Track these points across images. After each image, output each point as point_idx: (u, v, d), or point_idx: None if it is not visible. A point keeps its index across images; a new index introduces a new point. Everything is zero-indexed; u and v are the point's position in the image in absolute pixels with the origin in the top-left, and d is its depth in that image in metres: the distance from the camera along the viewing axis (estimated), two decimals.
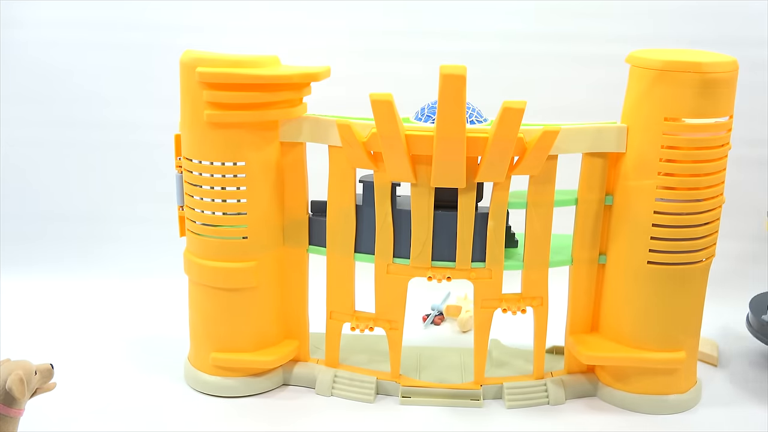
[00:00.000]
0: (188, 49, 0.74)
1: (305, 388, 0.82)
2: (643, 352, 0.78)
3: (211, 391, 0.81)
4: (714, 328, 0.91)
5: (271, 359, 0.80)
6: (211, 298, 0.79)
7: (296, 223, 0.80)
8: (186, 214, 0.79)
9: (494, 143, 0.70)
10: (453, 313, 1.01)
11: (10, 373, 0.62)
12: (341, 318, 0.81)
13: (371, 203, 0.76)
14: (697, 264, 0.76)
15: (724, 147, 0.74)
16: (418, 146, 0.72)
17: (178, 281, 0.84)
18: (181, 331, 0.86)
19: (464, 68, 0.66)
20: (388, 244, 0.77)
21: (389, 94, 0.68)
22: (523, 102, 0.68)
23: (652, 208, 0.74)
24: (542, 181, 0.75)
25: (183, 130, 0.76)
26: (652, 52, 0.74)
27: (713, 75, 0.70)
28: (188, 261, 0.79)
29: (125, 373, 0.84)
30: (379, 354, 0.85)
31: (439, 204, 0.75)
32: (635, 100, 0.74)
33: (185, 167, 0.77)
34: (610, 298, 0.79)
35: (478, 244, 0.77)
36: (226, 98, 0.72)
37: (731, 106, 0.73)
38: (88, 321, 0.97)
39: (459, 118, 0.68)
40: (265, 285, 0.79)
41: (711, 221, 0.75)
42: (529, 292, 0.79)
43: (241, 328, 0.80)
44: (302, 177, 0.79)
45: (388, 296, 0.79)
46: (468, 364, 0.85)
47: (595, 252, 0.79)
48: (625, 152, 0.75)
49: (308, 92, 0.77)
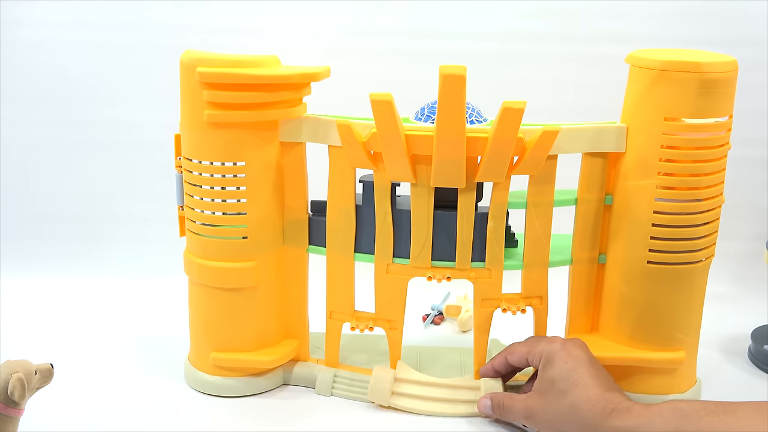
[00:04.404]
0: (188, 49, 0.74)
1: (305, 388, 0.82)
2: (643, 351, 0.78)
3: (211, 391, 0.81)
4: (714, 328, 0.91)
5: (271, 359, 0.80)
6: (211, 298, 0.79)
7: (296, 223, 0.80)
8: (186, 214, 0.79)
9: (494, 143, 0.70)
10: (453, 313, 1.01)
11: (10, 374, 0.62)
12: (341, 318, 0.81)
13: (371, 203, 0.76)
14: (696, 264, 0.76)
15: (723, 147, 0.74)
16: (418, 146, 0.72)
17: (178, 281, 0.84)
18: (181, 331, 0.86)
19: (464, 68, 0.66)
20: (388, 244, 0.77)
21: (389, 94, 0.68)
22: (523, 102, 0.68)
23: (651, 208, 0.74)
24: (542, 181, 0.75)
25: (183, 130, 0.76)
26: (652, 52, 0.74)
27: (713, 75, 0.70)
28: (188, 261, 0.79)
29: (125, 373, 0.84)
30: (379, 354, 0.85)
31: (439, 204, 0.75)
32: (635, 100, 0.74)
33: (185, 167, 0.77)
34: (610, 298, 0.79)
35: (478, 244, 0.77)
36: (226, 98, 0.72)
37: (731, 106, 0.73)
38: (88, 320, 0.97)
39: (459, 118, 0.68)
40: (265, 285, 0.79)
41: (711, 221, 0.75)
42: (528, 292, 0.79)
43: (241, 328, 0.80)
44: (302, 177, 0.79)
45: (388, 296, 0.79)
46: (468, 363, 0.85)
47: (594, 252, 0.79)
48: (624, 152, 0.75)
49: (308, 92, 0.77)
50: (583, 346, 0.72)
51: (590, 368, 0.69)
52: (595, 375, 0.68)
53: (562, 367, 0.69)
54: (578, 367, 0.69)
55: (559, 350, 0.71)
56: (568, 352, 0.70)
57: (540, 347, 0.72)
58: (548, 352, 0.71)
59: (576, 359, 0.70)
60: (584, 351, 0.71)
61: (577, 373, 0.68)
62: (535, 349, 0.73)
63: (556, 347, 0.71)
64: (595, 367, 0.70)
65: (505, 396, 0.74)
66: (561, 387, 0.68)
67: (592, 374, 0.68)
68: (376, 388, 0.78)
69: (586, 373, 0.68)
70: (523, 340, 0.77)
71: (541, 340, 0.74)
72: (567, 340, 0.73)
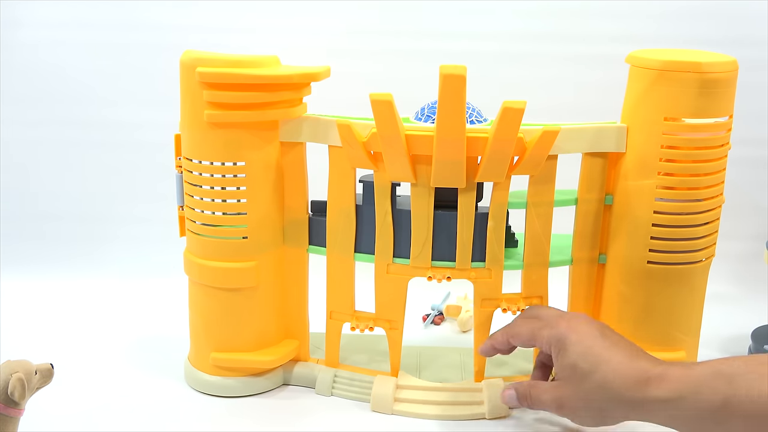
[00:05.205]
0: (188, 49, 0.74)
1: (305, 388, 0.82)
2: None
3: (211, 391, 0.81)
4: (714, 328, 0.90)
5: (271, 359, 0.80)
6: (211, 298, 0.79)
7: (296, 223, 0.80)
8: (186, 214, 0.79)
9: (494, 143, 0.70)
10: (453, 313, 1.01)
11: (10, 374, 0.62)
12: (341, 318, 0.81)
13: (371, 203, 0.76)
14: (697, 264, 0.76)
15: (724, 147, 0.74)
16: (418, 146, 0.72)
17: (178, 281, 0.84)
18: (181, 331, 0.86)
19: (464, 68, 0.66)
20: (388, 244, 0.77)
21: (389, 94, 0.68)
22: (523, 102, 0.68)
23: (652, 208, 0.74)
24: (542, 181, 0.75)
25: (183, 130, 0.76)
26: (652, 52, 0.74)
27: (713, 75, 0.70)
28: (188, 261, 0.79)
29: (125, 373, 0.84)
30: (379, 354, 0.85)
31: (439, 204, 0.75)
32: (635, 100, 0.74)
33: (185, 167, 0.77)
34: (610, 298, 0.79)
35: (478, 244, 0.77)
36: (226, 98, 0.72)
37: (731, 106, 0.73)
38: (88, 321, 0.97)
39: (459, 118, 0.68)
40: (265, 285, 0.79)
41: (711, 221, 0.75)
42: (529, 292, 0.79)
43: (241, 328, 0.80)
44: (302, 177, 0.79)
45: (388, 296, 0.79)
46: (468, 363, 0.85)
47: (595, 252, 0.79)
48: (624, 152, 0.75)
49: (308, 92, 0.77)
50: (588, 319, 0.69)
51: (605, 340, 0.66)
52: (613, 345, 0.66)
53: (578, 350, 0.66)
54: (593, 345, 0.66)
55: (566, 333, 0.67)
56: (576, 332, 0.67)
57: (545, 333, 0.69)
58: (556, 339, 0.68)
59: (587, 336, 0.67)
60: (591, 324, 0.68)
61: (595, 351, 0.65)
62: (540, 334, 0.69)
63: (562, 331, 0.68)
64: (609, 337, 0.67)
65: (531, 386, 0.71)
66: (584, 368, 0.65)
67: (610, 346, 0.65)
68: (378, 400, 0.77)
69: (603, 347, 0.65)
70: (523, 320, 0.73)
71: (544, 324, 0.70)
72: (569, 318, 0.70)
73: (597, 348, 0.66)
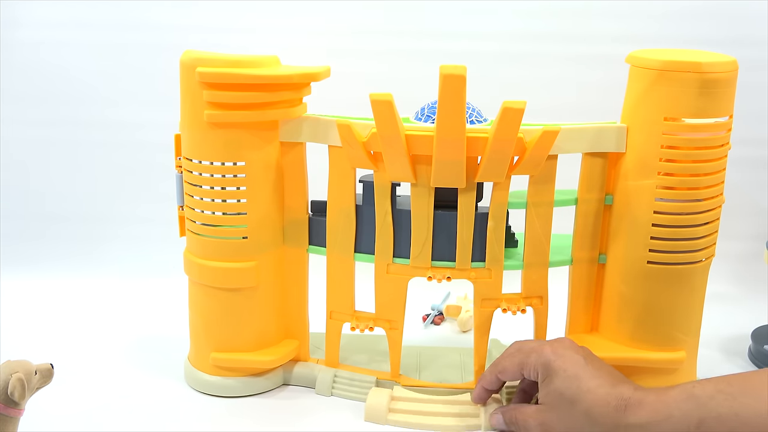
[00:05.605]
0: (188, 49, 0.74)
1: (305, 388, 0.82)
2: (643, 352, 0.78)
3: (211, 391, 0.81)
4: (714, 328, 0.91)
5: (271, 359, 0.80)
6: (211, 298, 0.79)
7: (296, 223, 0.80)
8: (186, 214, 0.79)
9: (494, 143, 0.70)
10: (453, 313, 1.01)
11: (10, 374, 0.62)
12: (341, 318, 0.81)
13: (371, 203, 0.76)
14: (696, 264, 0.76)
15: (724, 147, 0.74)
16: (418, 146, 0.72)
17: (178, 281, 0.84)
18: (181, 331, 0.86)
19: (464, 68, 0.66)
20: (388, 244, 0.77)
21: (389, 94, 0.68)
22: (523, 102, 0.68)
23: (651, 208, 0.74)
24: (542, 181, 0.75)
25: (183, 130, 0.76)
26: (652, 52, 0.74)
27: (713, 75, 0.70)
28: (188, 261, 0.79)
29: (125, 373, 0.84)
30: (379, 354, 0.85)
31: (439, 204, 0.75)
32: (635, 100, 0.74)
33: (185, 167, 0.77)
34: (610, 297, 0.79)
35: (478, 244, 0.77)
36: (226, 98, 0.72)
37: (731, 106, 0.73)
38: (87, 320, 0.97)
39: (459, 118, 0.68)
40: (265, 285, 0.79)
41: (711, 221, 0.75)
42: (529, 292, 0.79)
43: (241, 328, 0.80)
44: (302, 177, 0.79)
45: (388, 296, 0.79)
46: (468, 363, 0.85)
47: (594, 252, 0.79)
48: (624, 152, 0.75)
49: (308, 92, 0.77)
50: (573, 345, 0.71)
51: (589, 367, 0.68)
52: (596, 373, 0.68)
53: (563, 376, 0.68)
54: (578, 372, 0.68)
55: (552, 359, 0.69)
56: (563, 358, 0.69)
57: (532, 360, 0.70)
58: (543, 365, 0.69)
59: (572, 363, 0.68)
60: (576, 350, 0.70)
61: (579, 379, 0.67)
62: (527, 361, 0.70)
63: (548, 357, 0.69)
64: (593, 363, 0.69)
65: (515, 411, 0.72)
66: (568, 397, 0.67)
67: (593, 373, 0.67)
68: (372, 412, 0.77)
69: (588, 375, 0.67)
70: (508, 355, 0.73)
71: (530, 352, 0.71)
72: (554, 344, 0.71)
73: (581, 376, 0.67)
